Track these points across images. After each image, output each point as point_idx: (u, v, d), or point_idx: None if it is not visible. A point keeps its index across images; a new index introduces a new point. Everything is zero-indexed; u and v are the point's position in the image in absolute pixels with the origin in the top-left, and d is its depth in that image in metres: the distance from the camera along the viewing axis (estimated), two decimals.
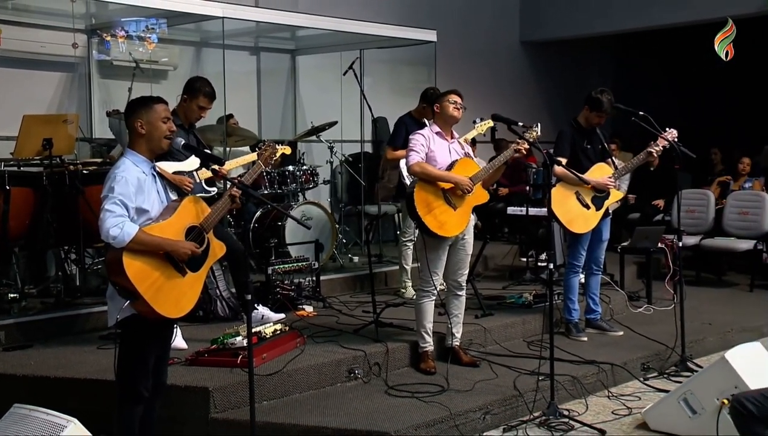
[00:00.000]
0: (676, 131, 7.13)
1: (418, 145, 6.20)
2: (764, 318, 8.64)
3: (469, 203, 6.26)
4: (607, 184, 7.10)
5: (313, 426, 5.26)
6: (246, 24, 9.29)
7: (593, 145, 7.31)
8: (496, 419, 5.69)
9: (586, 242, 7.31)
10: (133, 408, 4.31)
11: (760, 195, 10.61)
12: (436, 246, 6.21)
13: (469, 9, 13.00)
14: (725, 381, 5.27)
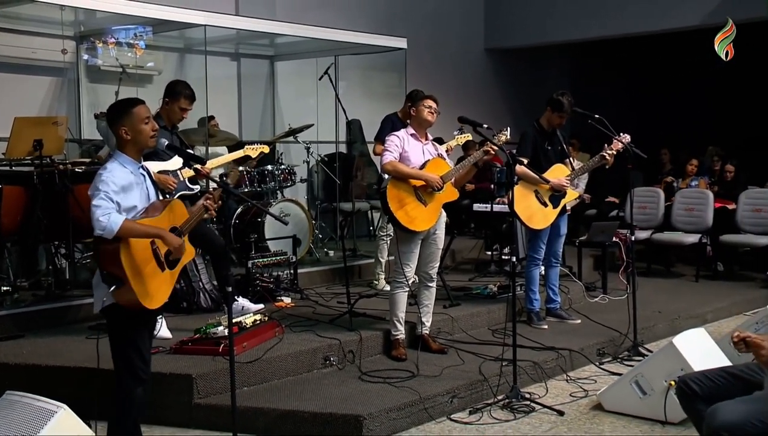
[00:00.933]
0: (629, 136, 7.15)
1: (392, 145, 6.24)
2: (708, 306, 8.73)
3: (440, 200, 6.27)
4: (564, 184, 7.12)
5: (291, 410, 5.25)
6: (227, 31, 9.26)
7: (553, 147, 7.33)
8: (462, 402, 5.70)
9: (545, 236, 7.33)
10: (132, 391, 4.26)
11: (704, 193, 10.69)
12: (408, 240, 6.22)
13: (437, 18, 13.00)
14: (672, 364, 5.33)
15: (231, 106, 10.38)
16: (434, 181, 6.16)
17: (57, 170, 6.77)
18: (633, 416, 5.57)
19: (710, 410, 3.82)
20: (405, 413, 5.34)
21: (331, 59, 9.72)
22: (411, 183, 6.19)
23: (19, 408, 4.09)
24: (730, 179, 11.27)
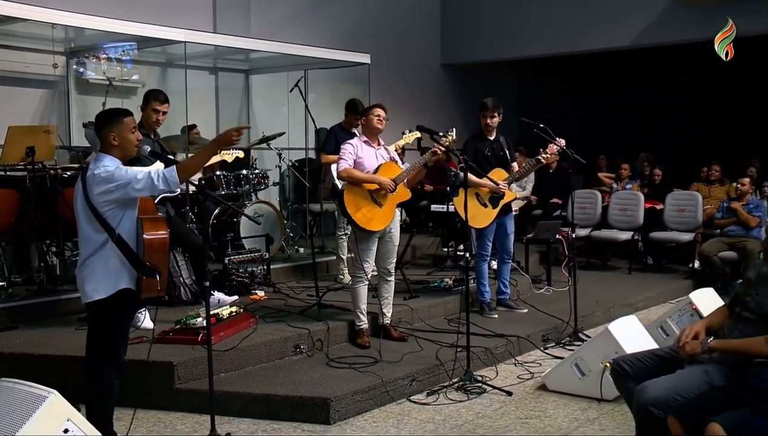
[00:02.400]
0: (564, 141, 7.19)
1: (347, 153, 6.22)
2: (639, 296, 8.86)
3: (393, 201, 6.27)
4: (500, 188, 7.13)
5: (264, 394, 5.25)
6: (205, 47, 9.20)
7: (494, 152, 7.34)
8: (421, 385, 5.71)
9: (491, 234, 7.35)
10: (114, 379, 4.25)
11: (637, 195, 10.80)
12: (366, 239, 6.20)
13: (398, 36, 12.99)
14: (608, 348, 5.40)
15: (209, 115, 10.30)
16: (387, 184, 6.16)
17: (48, 175, 6.73)
18: (573, 395, 5.62)
19: (639, 388, 3.87)
20: (369, 396, 5.35)
21: (301, 73, 9.73)
22: (366, 187, 6.17)
23: (13, 394, 4.01)
24: (658, 182, 11.40)
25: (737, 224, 9.46)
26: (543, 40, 12.85)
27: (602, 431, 4.97)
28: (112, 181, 4.03)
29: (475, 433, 4.93)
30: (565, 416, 5.26)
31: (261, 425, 5.05)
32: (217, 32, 9.96)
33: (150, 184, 4.03)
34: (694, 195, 10.43)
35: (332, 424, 5.05)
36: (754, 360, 3.74)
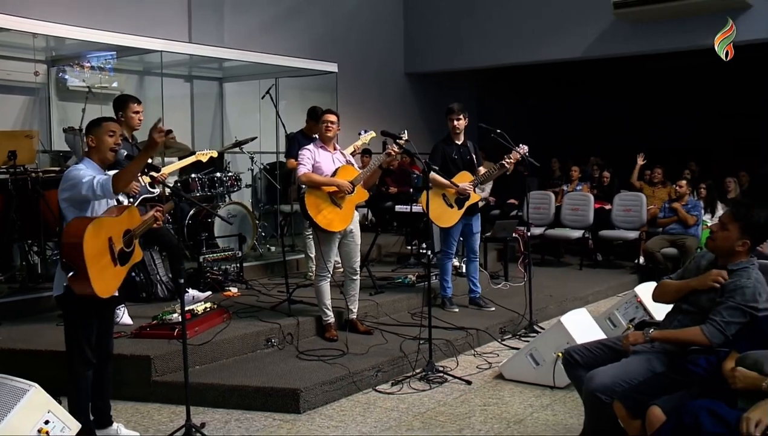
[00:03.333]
0: (527, 147, 7.24)
1: (305, 159, 6.18)
2: (590, 290, 8.92)
3: (352, 202, 6.25)
4: (467, 189, 7.15)
5: (237, 385, 5.23)
6: (181, 56, 9.13)
7: (461, 156, 7.34)
8: (386, 375, 5.72)
9: (456, 233, 7.35)
10: (82, 372, 4.22)
11: (587, 196, 10.90)
12: (327, 239, 6.19)
13: (364, 46, 13.00)
14: (560, 339, 5.46)
15: (185, 121, 10.22)
16: (345, 187, 6.14)
17: (29, 177, 6.66)
18: (528, 383, 5.67)
19: (588, 376, 3.93)
20: (337, 386, 5.35)
21: (272, 81, 9.69)
22: (325, 190, 6.15)
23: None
24: (606, 184, 11.52)
25: (677, 222, 9.59)
26: (497, 51, 12.93)
27: (555, 417, 5.02)
28: (67, 181, 4.08)
29: (436, 420, 4.95)
30: (520, 403, 5.29)
31: (234, 414, 5.03)
32: (193, 42, 9.89)
33: (90, 189, 4.01)
34: (639, 196, 10.56)
35: (302, 413, 5.04)
36: (690, 348, 3.82)
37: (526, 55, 12.73)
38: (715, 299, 3.79)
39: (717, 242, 3.89)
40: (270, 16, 11.53)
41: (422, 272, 8.01)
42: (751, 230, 3.80)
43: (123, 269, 4.25)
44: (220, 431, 4.73)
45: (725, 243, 3.84)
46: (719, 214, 9.65)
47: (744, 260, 3.83)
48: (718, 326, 3.70)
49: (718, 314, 3.73)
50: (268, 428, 4.82)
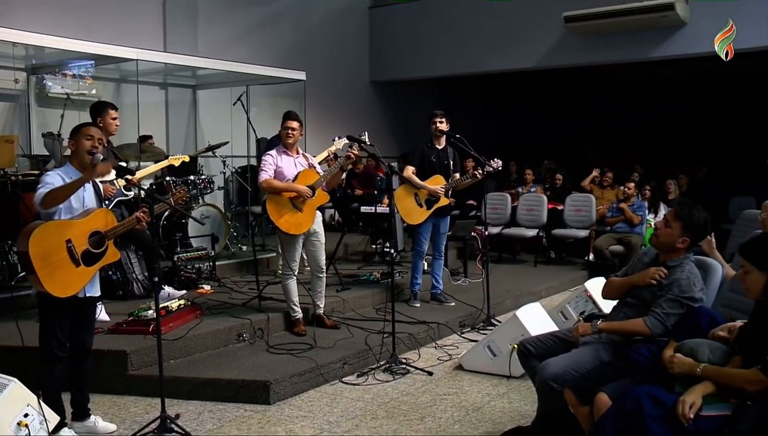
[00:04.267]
0: (501, 162, 7.28)
1: (267, 165, 6.12)
2: (543, 285, 9.01)
3: (313, 205, 6.19)
4: (437, 191, 7.18)
5: (210, 378, 5.21)
6: (156, 65, 9.03)
7: (439, 160, 7.33)
8: (352, 368, 5.73)
9: (427, 232, 7.35)
10: (51, 367, 4.18)
11: (540, 197, 11.00)
12: (291, 242, 6.17)
13: (331, 55, 12.97)
14: (515, 331, 5.49)
15: (160, 127, 10.12)
16: (305, 192, 6.07)
17: (9, 181, 6.52)
18: (486, 373, 5.72)
19: (541, 366, 3.97)
20: (305, 378, 5.35)
21: (243, 88, 9.64)
22: (285, 196, 6.08)
23: None
24: (559, 186, 11.63)
25: (624, 221, 9.71)
26: (456, 61, 12.99)
27: (510, 404, 5.07)
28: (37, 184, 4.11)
29: (399, 409, 4.98)
30: (478, 392, 5.34)
31: (207, 406, 5.01)
32: (167, 51, 9.81)
33: (37, 198, 4.03)
34: (588, 197, 10.68)
35: (272, 404, 5.04)
36: (633, 338, 3.88)
37: (482, 64, 12.80)
38: (656, 292, 3.87)
39: (660, 239, 3.97)
40: (241, 27, 11.47)
41: (386, 269, 8.04)
42: (691, 229, 3.88)
43: (89, 269, 4.22)
44: (194, 422, 4.71)
45: (668, 240, 3.92)
46: (662, 214, 9.82)
47: (682, 256, 3.92)
48: (658, 318, 3.77)
49: (658, 306, 3.80)
50: (239, 418, 4.81)
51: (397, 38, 13.69)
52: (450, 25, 13.01)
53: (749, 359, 3.06)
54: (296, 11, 12.46)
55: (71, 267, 4.12)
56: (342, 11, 13.53)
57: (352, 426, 4.67)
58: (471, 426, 4.67)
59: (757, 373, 2.97)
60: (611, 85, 15.97)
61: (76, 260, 4.13)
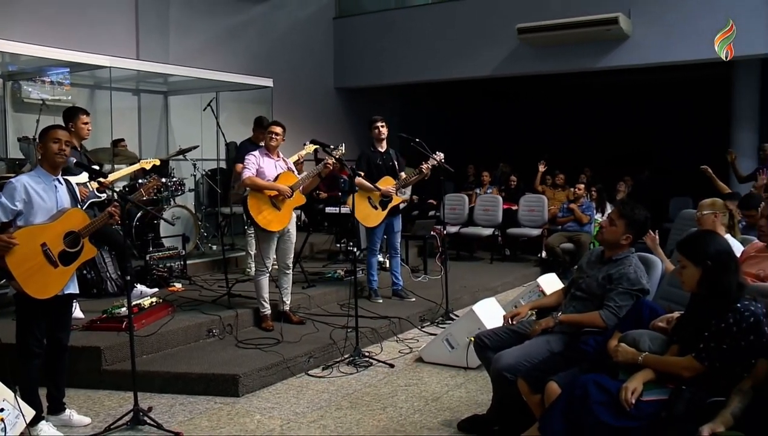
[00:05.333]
0: (442, 154, 7.34)
1: (250, 163, 6.20)
2: (499, 281, 9.06)
3: (290, 205, 6.26)
4: (390, 191, 7.24)
5: (182, 372, 5.18)
6: (129, 72, 8.93)
7: (384, 162, 7.40)
8: (317, 361, 5.74)
9: (380, 232, 7.40)
10: (29, 363, 4.14)
11: (496, 198, 11.10)
12: (266, 238, 6.18)
13: (297, 63, 12.92)
14: (472, 325, 5.54)
15: (133, 131, 9.99)
16: (285, 191, 6.16)
17: None
18: (444, 365, 5.75)
19: (495, 357, 4.02)
20: (272, 371, 5.34)
21: (213, 94, 9.59)
22: (267, 193, 6.15)
23: None
24: (513, 188, 11.74)
25: (574, 221, 9.85)
26: (416, 68, 13.03)
27: (468, 394, 5.11)
28: None
29: (363, 400, 4.99)
30: (438, 382, 5.38)
31: (179, 399, 4.98)
32: (140, 59, 9.70)
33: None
34: (541, 198, 10.80)
35: (241, 396, 5.03)
36: (583, 330, 3.95)
37: (441, 72, 12.86)
38: (605, 285, 3.94)
39: (605, 236, 4.04)
40: (211, 36, 11.39)
41: (350, 267, 8.05)
42: (634, 226, 3.97)
43: (68, 269, 4.19)
44: (166, 415, 4.67)
45: (612, 236, 3.99)
46: (608, 213, 9.97)
47: (626, 251, 4.00)
48: (612, 311, 3.84)
49: (611, 300, 3.87)
50: (210, 410, 4.79)
51: (361, 47, 13.70)
52: (411, 36, 13.06)
53: (685, 348, 3.14)
54: (263, 21, 12.40)
55: (49, 269, 4.08)
56: (307, 21, 13.50)
57: (318, 416, 4.68)
58: (430, 415, 4.70)
59: (691, 360, 3.05)
60: (561, 93, 16.16)
61: (53, 261, 4.10)
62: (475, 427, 4.36)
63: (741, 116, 11.68)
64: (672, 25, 10.55)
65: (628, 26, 10.69)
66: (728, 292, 3.06)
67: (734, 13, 9.71)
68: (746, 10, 9.90)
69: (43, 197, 4.13)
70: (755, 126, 11.57)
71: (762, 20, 9.90)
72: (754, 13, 9.94)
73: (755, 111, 11.64)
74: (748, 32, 9.70)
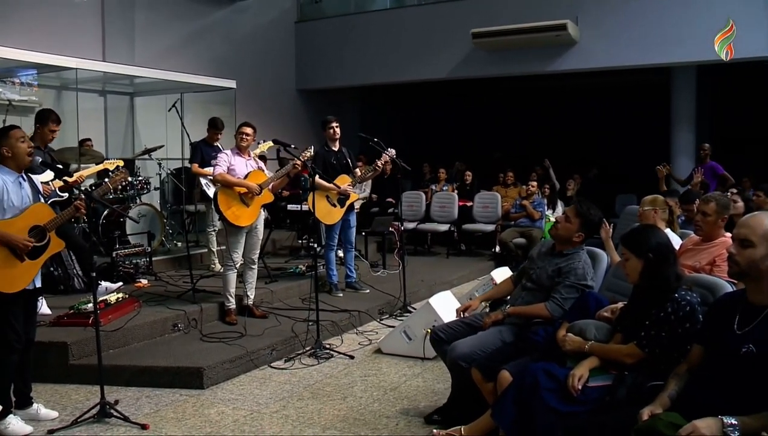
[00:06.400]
0: (393, 150, 7.36)
1: (221, 161, 6.20)
2: (455, 275, 9.09)
3: (259, 202, 6.24)
4: (347, 190, 7.23)
5: (147, 366, 5.11)
6: (95, 73, 8.75)
7: (339, 161, 7.41)
8: (279, 353, 5.71)
9: (338, 228, 7.41)
10: (8, 358, 4.04)
11: (452, 195, 11.16)
12: (235, 233, 6.15)
13: (259, 65, 12.81)
14: (429, 317, 5.56)
15: (99, 131, 9.80)
16: (254, 188, 6.15)
17: None
18: (403, 356, 5.76)
19: (450, 347, 4.05)
20: (236, 364, 5.31)
21: (177, 96, 9.44)
22: (236, 190, 6.14)
23: None
24: (469, 185, 11.82)
25: (526, 217, 9.96)
26: (374, 71, 13.02)
27: (425, 383, 5.14)
28: None
29: (324, 390, 4.99)
30: (396, 373, 5.39)
31: (145, 391, 4.92)
32: (106, 60, 9.52)
33: None
34: (495, 195, 10.87)
35: (206, 388, 4.99)
36: (533, 321, 4.00)
37: (399, 75, 12.88)
38: (554, 278, 3.99)
39: (559, 231, 4.09)
40: (176, 39, 11.23)
41: (311, 262, 8.02)
42: (587, 226, 4.03)
43: (36, 262, 4.12)
44: (132, 407, 4.61)
45: (566, 233, 4.04)
46: (559, 210, 10.10)
47: (577, 247, 4.06)
48: (558, 302, 3.90)
49: (557, 292, 3.93)
50: (175, 402, 4.74)
51: (322, 50, 13.65)
52: (370, 39, 13.05)
53: (627, 336, 3.20)
54: (227, 25, 12.27)
55: (16, 263, 4.01)
56: (270, 25, 13.39)
57: (280, 407, 4.66)
58: (389, 404, 4.71)
59: (633, 347, 3.11)
60: (514, 96, 16.30)
61: (19, 255, 4.01)
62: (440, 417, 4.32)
63: (679, 118, 11.96)
64: (616, 31, 10.73)
65: (576, 32, 10.85)
66: (667, 282, 3.12)
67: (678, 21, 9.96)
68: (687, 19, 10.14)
69: (14, 194, 4.08)
70: (692, 127, 11.86)
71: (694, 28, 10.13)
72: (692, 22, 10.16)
73: (692, 113, 11.93)
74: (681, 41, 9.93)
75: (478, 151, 15.06)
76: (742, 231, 2.62)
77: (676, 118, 12.01)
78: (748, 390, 2.48)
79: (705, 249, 4.44)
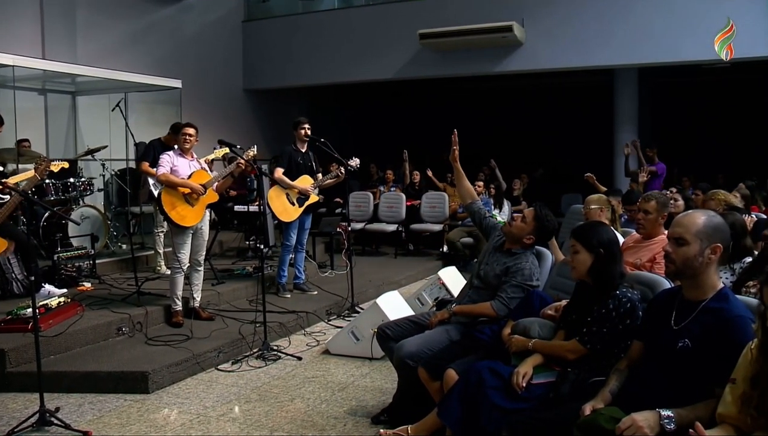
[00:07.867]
0: (358, 160, 7.43)
1: (164, 161, 6.16)
2: (402, 275, 9.12)
3: (203, 202, 6.21)
4: (308, 190, 7.24)
5: (90, 371, 4.99)
6: (34, 71, 8.49)
7: (305, 162, 7.40)
8: (226, 356, 5.64)
9: (294, 228, 7.38)
10: None
11: (400, 195, 11.20)
12: (180, 233, 6.09)
13: (205, 64, 12.64)
14: (376, 317, 5.56)
15: (39, 131, 9.52)
16: (197, 189, 6.13)
17: None
18: (350, 356, 5.76)
19: (397, 345, 4.06)
20: (182, 367, 5.23)
21: (122, 95, 9.26)
22: (180, 190, 6.09)
23: None
24: (417, 185, 11.88)
25: None
26: (321, 71, 12.98)
27: (373, 382, 5.15)
28: None
29: (271, 392, 4.95)
30: (344, 373, 5.39)
31: (88, 397, 4.80)
32: (46, 58, 9.24)
33: None
34: (442, 195, 10.97)
35: (151, 393, 4.90)
36: (479, 319, 4.04)
37: (346, 75, 12.87)
38: (501, 277, 4.03)
39: (512, 229, 4.11)
40: (120, 36, 10.99)
41: (258, 263, 7.95)
42: (541, 231, 4.07)
43: None
44: (75, 414, 4.49)
45: (518, 232, 4.08)
46: (506, 209, 10.22)
47: (526, 249, 4.10)
48: (503, 302, 3.94)
49: (504, 291, 3.97)
50: (119, 408, 4.63)
51: (269, 50, 13.54)
52: (317, 39, 13.00)
53: (570, 333, 3.26)
54: (172, 23, 12.06)
55: None
56: (216, 24, 13.22)
57: (227, 410, 4.60)
58: (337, 404, 4.70)
59: (575, 344, 3.17)
60: (461, 95, 16.47)
61: None
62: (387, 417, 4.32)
63: (622, 119, 12.27)
64: (561, 33, 10.93)
65: (522, 34, 11.01)
66: (612, 280, 3.17)
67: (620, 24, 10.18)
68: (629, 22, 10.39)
69: None
70: (635, 127, 12.17)
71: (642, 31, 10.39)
72: (633, 25, 10.42)
73: (634, 114, 12.24)
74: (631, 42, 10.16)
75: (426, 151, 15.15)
76: (677, 230, 2.69)
77: (619, 119, 12.31)
78: (684, 384, 2.55)
79: (646, 246, 4.56)
